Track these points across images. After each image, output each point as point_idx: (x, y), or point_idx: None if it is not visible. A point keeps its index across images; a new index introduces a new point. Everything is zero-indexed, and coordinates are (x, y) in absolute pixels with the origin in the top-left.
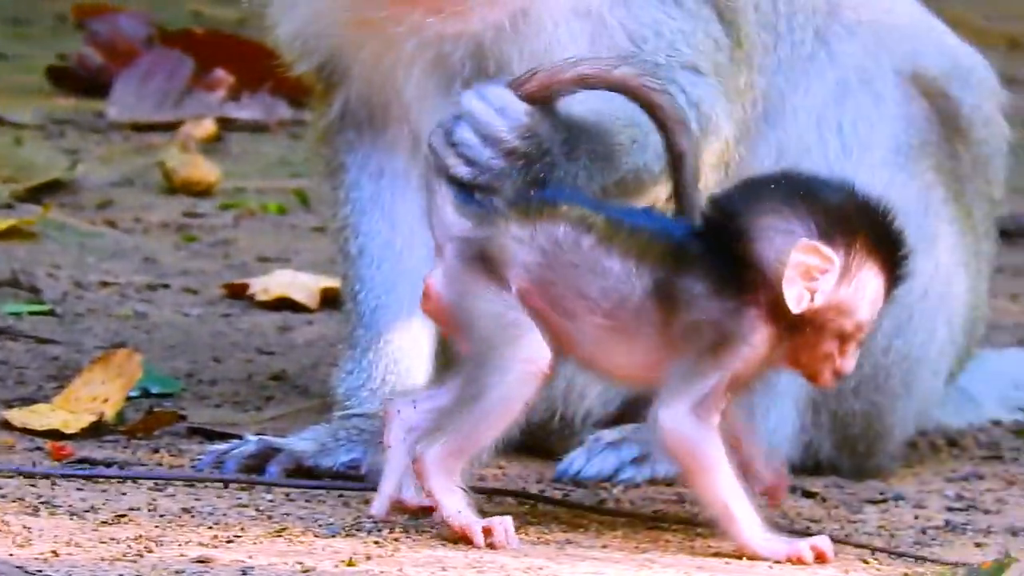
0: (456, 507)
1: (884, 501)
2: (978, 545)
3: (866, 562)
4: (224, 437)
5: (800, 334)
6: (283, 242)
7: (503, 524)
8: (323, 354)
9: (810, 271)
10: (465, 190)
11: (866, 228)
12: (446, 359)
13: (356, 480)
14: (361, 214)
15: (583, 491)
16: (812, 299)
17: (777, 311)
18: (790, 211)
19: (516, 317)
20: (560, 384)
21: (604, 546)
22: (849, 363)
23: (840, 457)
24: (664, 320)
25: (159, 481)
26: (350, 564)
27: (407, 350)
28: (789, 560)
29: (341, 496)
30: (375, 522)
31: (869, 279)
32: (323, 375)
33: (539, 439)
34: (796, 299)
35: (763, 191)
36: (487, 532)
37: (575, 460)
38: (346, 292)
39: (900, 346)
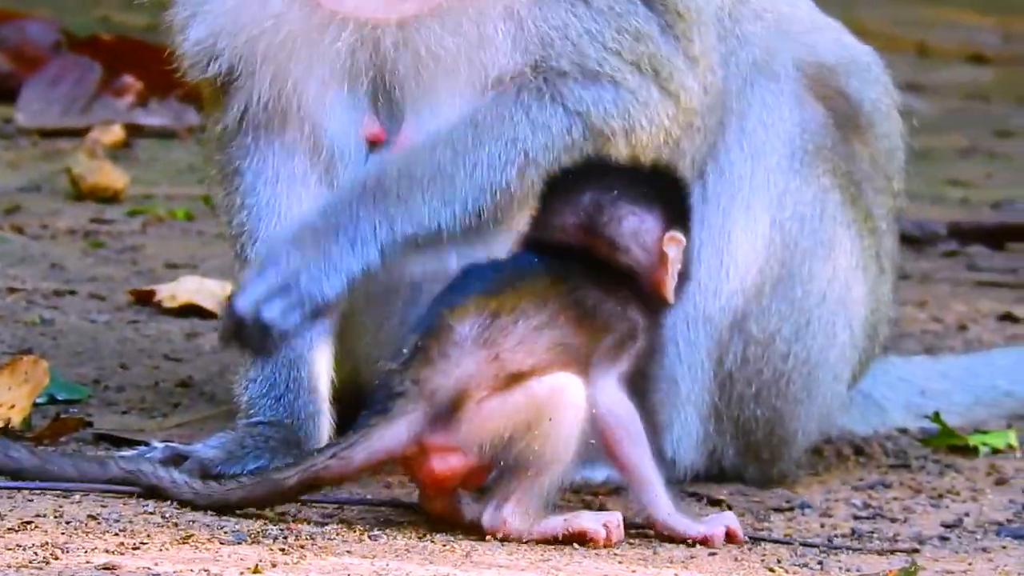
0: (558, 523)
1: (791, 509)
2: (884, 553)
3: (772, 570)
4: (131, 444)
5: (657, 308)
6: (191, 248)
7: (616, 518)
8: (230, 361)
9: (676, 259)
10: None
11: (679, 200)
12: (343, 369)
13: None
14: (258, 220)
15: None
16: (675, 280)
17: (647, 297)
18: (641, 209)
19: (526, 393)
20: None
21: (510, 554)
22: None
23: (745, 464)
24: (591, 333)
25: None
26: (256, 571)
27: (307, 357)
28: (704, 540)
29: None
30: (280, 529)
31: (689, 242)
32: (229, 382)
33: None
34: (670, 288)
35: (605, 197)
36: (607, 528)
37: None
38: None
39: (799, 351)
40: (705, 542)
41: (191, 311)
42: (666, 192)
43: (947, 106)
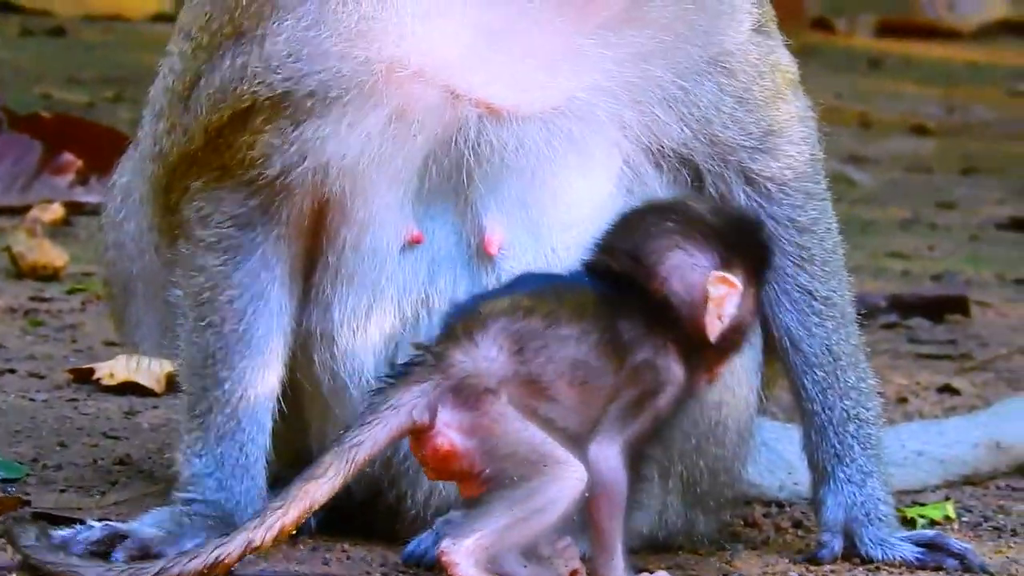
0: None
1: None
2: None
3: None
4: (69, 522)
5: (703, 357)
6: None
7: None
8: (168, 438)
9: (720, 299)
10: None
11: (747, 245)
12: (280, 455)
13: None
14: (251, 299)
15: (429, 574)
16: (722, 324)
17: (690, 341)
18: (692, 245)
19: (543, 437)
20: (410, 467)
21: None
22: (727, 364)
23: (693, 518)
24: (617, 368)
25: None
26: None
27: (258, 442)
28: None
29: None
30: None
31: (752, 292)
32: (168, 460)
33: (386, 523)
34: (713, 329)
35: (657, 228)
36: None
37: (423, 542)
38: (204, 371)
39: (730, 399)
40: None
41: (130, 389)
42: (736, 239)
43: (889, 177)
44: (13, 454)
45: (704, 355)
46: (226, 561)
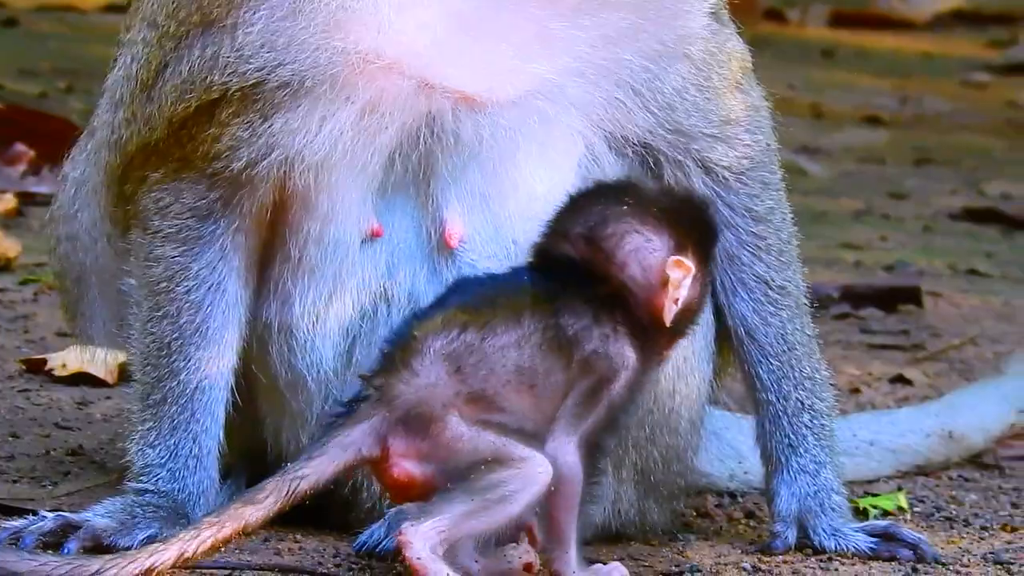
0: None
1: (680, 573)
2: None
3: None
4: (21, 513)
5: (655, 340)
6: None
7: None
8: (121, 428)
9: (678, 283)
10: None
11: (697, 227)
12: (232, 446)
13: None
14: (208, 291)
15: (382, 565)
16: (677, 307)
17: (643, 326)
18: (649, 228)
19: (502, 441)
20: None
21: None
22: (676, 346)
23: (646, 508)
24: (566, 364)
25: None
26: None
27: (211, 433)
28: None
29: None
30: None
31: (703, 273)
32: (121, 450)
33: (339, 514)
34: (669, 313)
35: (612, 211)
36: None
37: (375, 532)
38: (159, 362)
39: (683, 387)
40: None
41: (82, 379)
42: (688, 221)
43: (842, 168)
44: None
45: (656, 338)
46: (159, 568)
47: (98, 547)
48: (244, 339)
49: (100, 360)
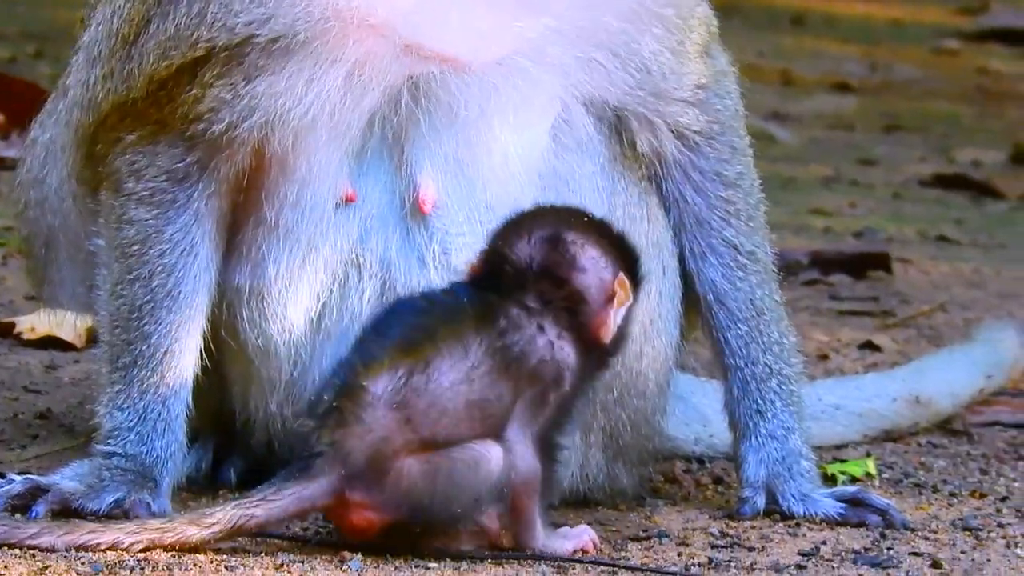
0: None
1: (648, 538)
2: None
3: None
4: None
5: (593, 356)
6: None
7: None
8: (90, 392)
9: (622, 302)
10: None
11: (634, 264)
12: (199, 411)
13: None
14: (180, 255)
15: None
16: (613, 329)
17: (584, 338)
18: (606, 245)
19: (459, 453)
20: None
21: None
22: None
23: (615, 472)
24: (515, 382)
25: None
26: None
27: (180, 396)
28: (581, 551)
29: None
30: (137, 560)
31: (632, 308)
32: (89, 413)
33: None
34: (608, 330)
35: (576, 222)
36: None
37: None
38: (129, 324)
39: (649, 350)
40: (583, 551)
41: (51, 343)
42: (628, 252)
43: (811, 135)
44: None
45: (593, 354)
46: (90, 548)
47: (66, 510)
48: (214, 304)
49: (69, 324)
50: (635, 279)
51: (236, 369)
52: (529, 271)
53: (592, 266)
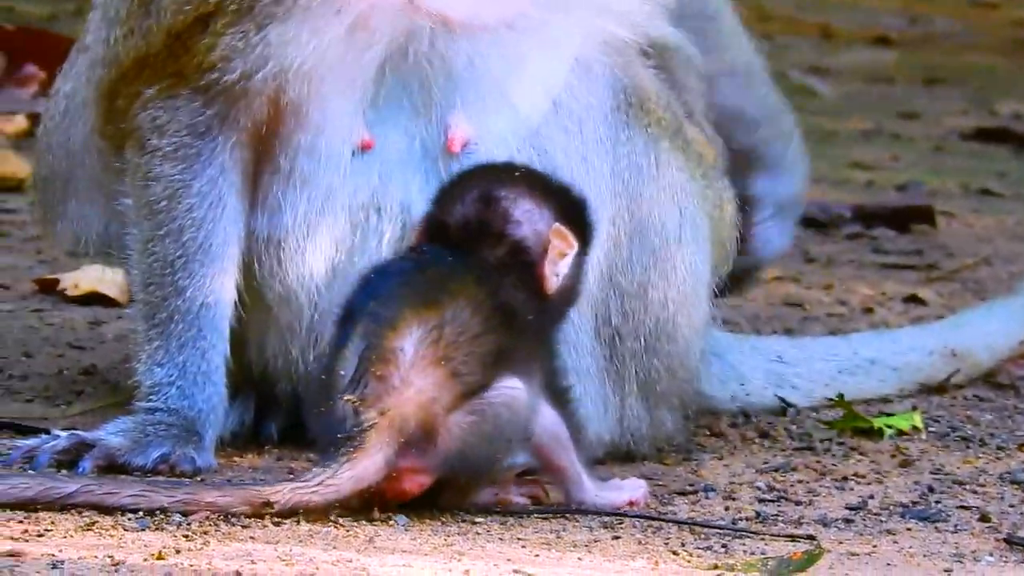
0: (488, 495)
1: (694, 492)
2: (789, 536)
3: (675, 553)
4: (34, 432)
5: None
6: None
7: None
8: (133, 349)
9: (561, 252)
10: None
11: (581, 216)
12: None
13: (166, 475)
14: (209, 207)
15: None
16: (559, 280)
17: (536, 289)
18: (540, 198)
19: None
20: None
21: (413, 539)
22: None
23: (658, 418)
24: (516, 333)
25: None
26: (159, 557)
27: (218, 349)
28: (631, 503)
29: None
30: (183, 515)
31: (582, 259)
32: (132, 370)
33: None
34: (551, 282)
35: (509, 178)
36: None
37: None
38: (163, 280)
39: (674, 295)
40: (632, 504)
41: (94, 299)
42: (574, 205)
43: (851, 89)
44: None
45: (543, 307)
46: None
47: (112, 465)
48: (243, 254)
49: (112, 280)
50: (581, 228)
51: (254, 320)
52: (471, 230)
53: (526, 218)
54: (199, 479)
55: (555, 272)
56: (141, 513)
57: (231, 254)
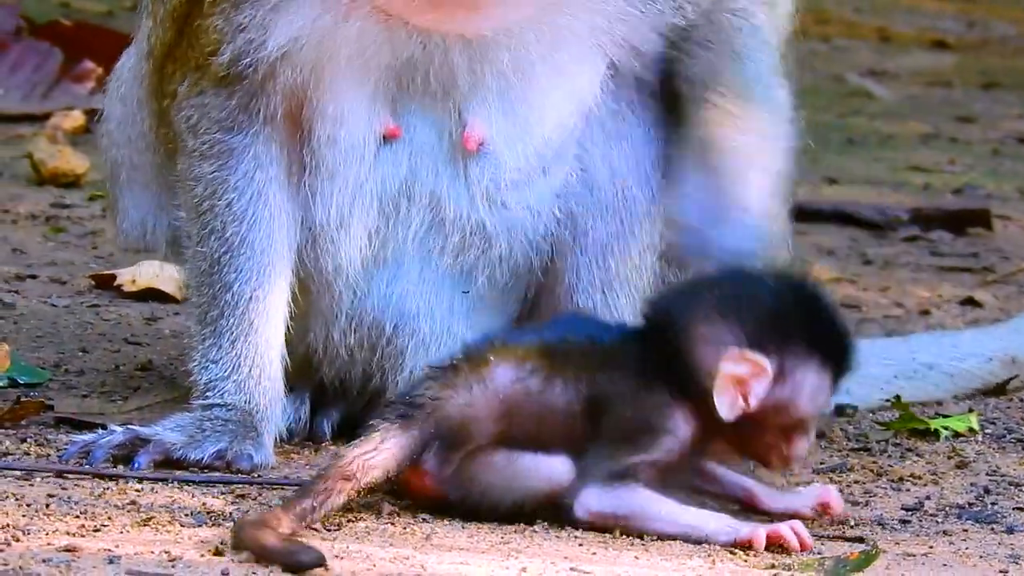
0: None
1: None
2: (845, 537)
3: (732, 552)
4: (91, 427)
5: (742, 429)
6: None
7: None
8: (189, 348)
9: (742, 378)
10: None
11: (800, 328)
12: (295, 355)
13: (223, 471)
14: (249, 201)
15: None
16: (747, 404)
17: (710, 411)
18: (721, 319)
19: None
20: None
21: (470, 536)
22: (798, 450)
23: None
24: (593, 417)
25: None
26: (217, 553)
27: (272, 343)
28: (770, 540)
29: (206, 485)
30: (241, 511)
31: (808, 376)
32: (189, 370)
33: None
34: (728, 406)
35: (697, 296)
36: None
37: None
38: (212, 278)
39: None
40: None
41: (151, 295)
42: (786, 315)
43: (908, 92)
44: (35, 359)
45: (742, 428)
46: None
47: (168, 461)
48: (297, 245)
49: (168, 276)
50: (797, 348)
51: (298, 306)
52: (654, 344)
53: (699, 339)
54: (255, 475)
55: (735, 397)
56: (197, 507)
57: (278, 247)
